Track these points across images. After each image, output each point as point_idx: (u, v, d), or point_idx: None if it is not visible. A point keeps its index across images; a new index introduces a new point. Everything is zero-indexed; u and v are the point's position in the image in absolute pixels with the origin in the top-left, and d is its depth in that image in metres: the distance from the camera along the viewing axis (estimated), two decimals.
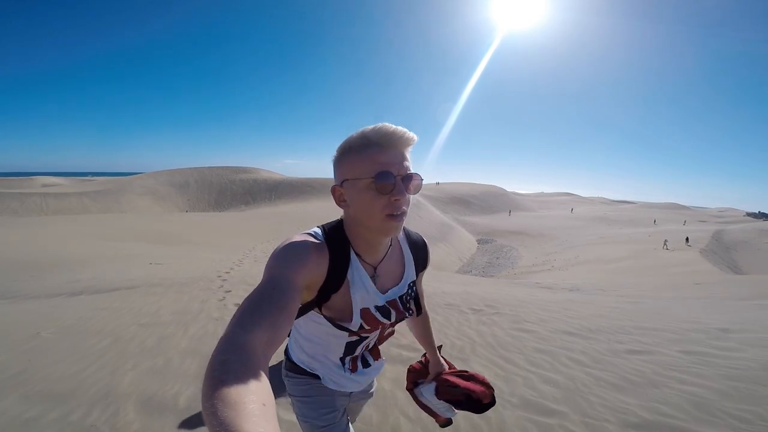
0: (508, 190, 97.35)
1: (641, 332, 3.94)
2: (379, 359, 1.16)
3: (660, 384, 2.74)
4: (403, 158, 0.83)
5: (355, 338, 1.00)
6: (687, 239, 32.07)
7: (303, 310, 0.92)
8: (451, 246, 33.43)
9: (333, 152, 0.89)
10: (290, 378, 1.12)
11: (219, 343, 0.52)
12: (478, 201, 67.97)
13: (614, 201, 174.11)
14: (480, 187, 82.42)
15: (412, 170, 0.85)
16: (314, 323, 0.98)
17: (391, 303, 1.00)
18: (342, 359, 1.05)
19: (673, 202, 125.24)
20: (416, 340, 1.31)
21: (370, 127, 0.82)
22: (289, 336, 1.14)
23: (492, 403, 1.20)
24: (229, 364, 0.46)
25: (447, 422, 1.32)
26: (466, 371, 1.28)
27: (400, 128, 0.81)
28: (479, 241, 39.74)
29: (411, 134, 0.82)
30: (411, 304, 1.06)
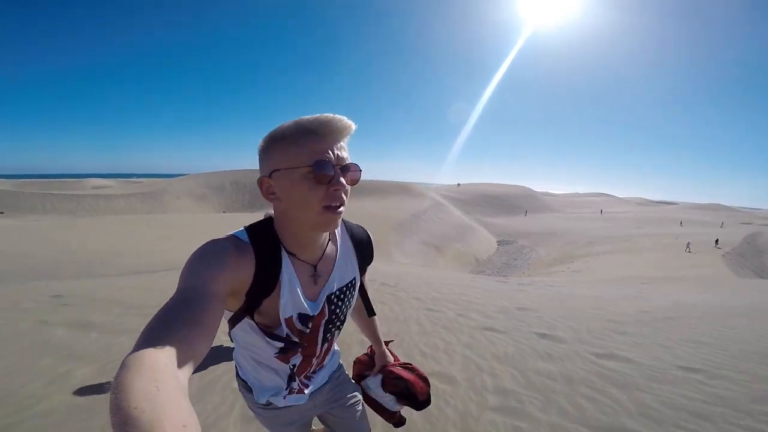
0: (537, 190, 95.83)
1: (466, 305, 5.10)
2: (323, 368, 1.08)
3: (407, 323, 4.11)
4: (340, 147, 0.77)
5: (290, 349, 0.90)
6: (717, 241, 31.29)
7: (236, 319, 0.84)
8: (468, 247, 34.15)
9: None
10: (244, 395, 1.06)
11: (122, 364, 0.44)
12: (503, 202, 67.80)
13: (654, 202, 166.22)
14: (506, 188, 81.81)
15: (350, 160, 0.79)
16: (249, 334, 0.88)
17: (327, 301, 0.91)
18: (288, 376, 0.97)
19: (717, 203, 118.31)
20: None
21: (305, 116, 0.75)
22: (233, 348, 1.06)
23: (427, 401, 1.21)
24: (136, 385, 0.39)
25: (400, 422, 1.30)
26: (410, 364, 1.28)
27: (337, 116, 0.74)
28: (499, 243, 39.95)
29: (349, 122, 0.75)
30: (349, 302, 0.99)
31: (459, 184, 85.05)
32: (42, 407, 2.38)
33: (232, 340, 0.97)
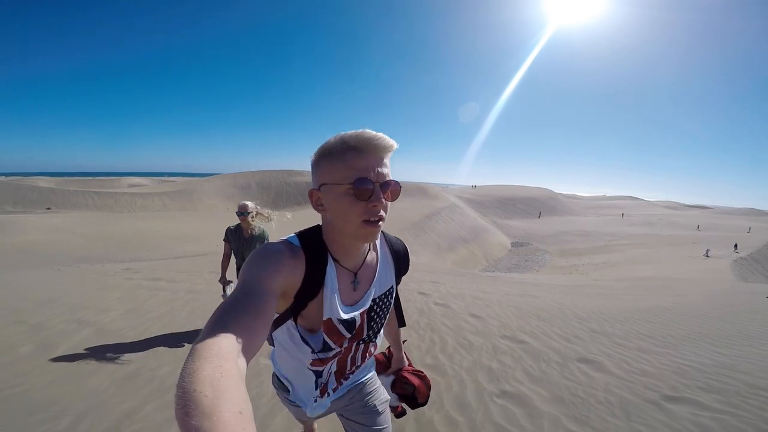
0: (562, 192, 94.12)
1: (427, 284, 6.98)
2: (350, 377, 1.11)
3: None
4: (382, 164, 0.82)
5: (319, 357, 0.96)
6: (735, 246, 31.04)
7: (280, 321, 0.91)
8: (479, 247, 34.61)
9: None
10: (277, 392, 1.17)
11: (192, 350, 0.50)
12: (521, 204, 67.41)
13: (685, 206, 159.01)
14: (526, 190, 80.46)
15: (391, 177, 0.84)
16: (288, 335, 0.95)
17: (363, 312, 0.97)
18: (315, 380, 1.03)
19: (753, 207, 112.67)
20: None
21: (350, 132, 0.80)
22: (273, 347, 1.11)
23: (425, 404, 1.31)
24: (202, 371, 0.44)
25: (401, 413, 1.40)
26: (421, 371, 1.35)
27: (380, 134, 0.79)
28: (513, 244, 39.95)
29: (390, 141, 0.81)
30: (384, 312, 1.04)
31: (474, 186, 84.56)
32: (147, 305, 4.80)
33: (270, 343, 1.07)
